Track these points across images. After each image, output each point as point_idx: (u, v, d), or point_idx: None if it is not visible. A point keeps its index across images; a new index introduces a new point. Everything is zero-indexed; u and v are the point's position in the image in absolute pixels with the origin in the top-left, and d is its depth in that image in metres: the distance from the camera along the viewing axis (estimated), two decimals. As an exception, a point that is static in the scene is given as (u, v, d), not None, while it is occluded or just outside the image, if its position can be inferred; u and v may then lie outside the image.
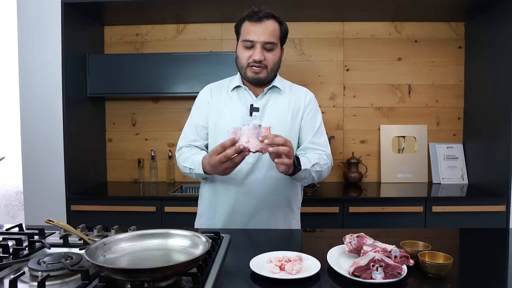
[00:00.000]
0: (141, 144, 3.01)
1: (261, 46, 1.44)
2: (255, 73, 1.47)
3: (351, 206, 2.36)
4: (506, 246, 1.34)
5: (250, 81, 1.51)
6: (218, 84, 1.64)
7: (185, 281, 0.92)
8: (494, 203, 2.37)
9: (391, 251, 1.01)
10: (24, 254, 1.08)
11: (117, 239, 1.00)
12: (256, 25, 1.43)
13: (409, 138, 2.91)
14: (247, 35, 1.45)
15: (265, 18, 1.43)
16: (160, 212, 2.41)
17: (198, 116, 1.59)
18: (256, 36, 1.43)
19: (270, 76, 1.51)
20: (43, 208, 2.52)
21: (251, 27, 1.44)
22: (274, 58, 1.48)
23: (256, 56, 1.44)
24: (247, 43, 1.45)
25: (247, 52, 1.46)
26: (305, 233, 1.53)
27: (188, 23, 2.95)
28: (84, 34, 2.71)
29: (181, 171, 1.54)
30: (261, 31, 1.43)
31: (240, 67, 1.52)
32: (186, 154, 1.52)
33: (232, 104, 1.54)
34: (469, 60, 2.85)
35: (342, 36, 2.92)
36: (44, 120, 2.52)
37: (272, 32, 1.45)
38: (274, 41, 1.46)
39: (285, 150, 1.23)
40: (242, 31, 1.48)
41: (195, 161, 1.44)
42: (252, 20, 1.44)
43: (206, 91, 1.62)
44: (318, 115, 1.60)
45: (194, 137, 1.57)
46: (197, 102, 1.62)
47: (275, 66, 1.50)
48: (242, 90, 1.56)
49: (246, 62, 1.47)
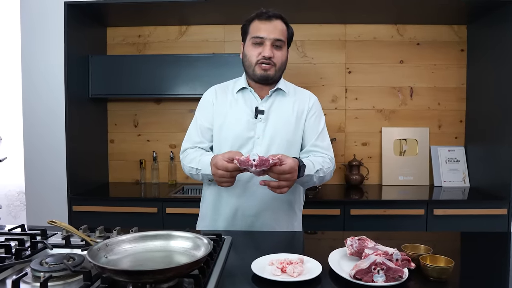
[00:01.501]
0: (143, 145, 3.02)
1: (271, 44, 1.46)
2: (264, 70, 1.47)
3: (353, 209, 2.35)
4: (507, 250, 1.34)
5: (258, 79, 1.51)
6: (223, 85, 1.64)
7: (187, 282, 0.92)
8: (496, 206, 2.36)
9: (393, 254, 1.01)
10: (26, 255, 1.09)
11: (119, 241, 1.00)
12: (266, 23, 1.47)
13: (410, 141, 2.91)
14: (257, 32, 1.47)
15: (274, 18, 1.48)
16: (161, 213, 2.41)
17: (203, 118, 1.58)
18: (266, 33, 1.45)
19: (277, 75, 1.52)
20: (45, 209, 2.52)
21: (261, 25, 1.47)
22: (282, 57, 1.50)
23: (266, 52, 1.45)
24: (256, 40, 1.47)
25: (256, 49, 1.48)
26: (306, 236, 1.53)
27: (191, 25, 2.96)
28: (87, 35, 2.72)
29: (186, 173, 1.53)
30: (271, 28, 1.46)
31: (248, 66, 1.52)
32: (192, 155, 1.51)
33: (237, 106, 1.54)
34: (471, 63, 2.84)
35: (344, 39, 2.92)
36: (46, 121, 2.53)
37: (281, 31, 1.48)
38: (283, 39, 1.48)
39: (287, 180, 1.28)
40: (251, 29, 1.50)
41: (202, 162, 1.43)
42: (261, 18, 1.48)
43: (211, 92, 1.61)
44: (321, 118, 1.60)
45: (199, 139, 1.56)
46: (201, 103, 1.62)
47: (283, 65, 1.52)
48: (247, 92, 1.56)
49: (256, 59, 1.48)
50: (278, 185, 1.27)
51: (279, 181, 1.27)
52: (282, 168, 1.25)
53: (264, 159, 1.22)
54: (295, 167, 1.28)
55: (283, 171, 1.25)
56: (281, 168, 1.25)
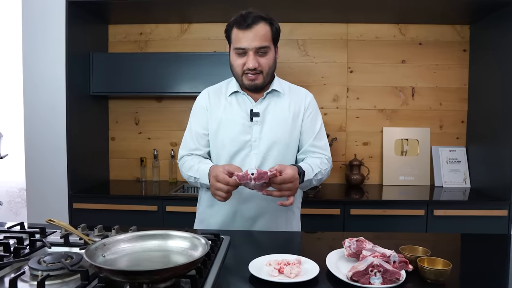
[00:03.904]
0: (143, 143, 3.02)
1: (254, 53, 1.39)
2: (251, 80, 1.43)
3: (353, 208, 2.35)
4: (507, 253, 1.33)
5: (247, 89, 1.49)
6: (216, 88, 1.60)
7: (184, 282, 0.93)
8: (496, 207, 2.36)
9: (390, 256, 1.01)
10: (25, 253, 1.09)
11: (117, 240, 1.01)
12: (246, 32, 1.38)
13: (412, 141, 2.90)
14: (237, 43, 1.40)
15: (253, 24, 1.38)
16: (161, 211, 2.41)
17: (197, 124, 1.55)
18: (247, 43, 1.38)
19: (267, 81, 1.48)
20: (45, 206, 2.53)
21: (241, 35, 1.39)
22: (268, 62, 1.44)
23: (250, 64, 1.39)
24: (239, 51, 1.41)
25: (240, 59, 1.42)
26: (305, 236, 1.53)
27: (192, 23, 2.95)
28: (88, 32, 2.72)
29: (186, 180, 1.53)
30: (251, 37, 1.38)
31: (235, 75, 1.48)
32: (190, 163, 1.49)
33: (232, 110, 1.51)
34: (474, 63, 2.83)
35: (346, 38, 2.91)
36: (47, 118, 2.53)
37: (263, 36, 1.39)
38: (267, 45, 1.41)
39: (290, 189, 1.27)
40: (233, 38, 1.43)
41: (201, 171, 1.42)
42: (241, 28, 1.39)
43: (204, 96, 1.57)
44: (318, 117, 1.58)
45: (195, 146, 1.54)
46: (195, 109, 1.59)
47: (271, 69, 1.47)
48: (240, 95, 1.53)
49: (241, 70, 1.43)
50: (281, 195, 1.27)
51: (282, 191, 1.26)
52: (283, 177, 1.24)
53: (262, 172, 1.20)
54: (295, 175, 1.27)
55: (283, 180, 1.24)
56: (282, 178, 1.24)
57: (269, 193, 1.26)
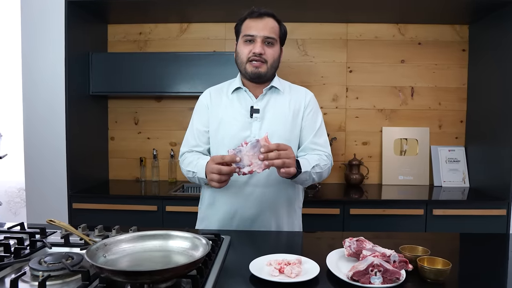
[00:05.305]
0: (143, 143, 3.02)
1: (262, 41, 1.46)
2: (256, 67, 1.47)
3: (352, 208, 2.36)
4: (506, 252, 1.33)
5: (250, 77, 1.51)
6: (218, 88, 1.64)
7: (185, 282, 0.93)
8: (495, 207, 2.37)
9: (390, 255, 1.02)
10: (25, 254, 1.09)
11: (118, 240, 1.01)
12: (257, 21, 1.47)
13: (411, 141, 2.90)
14: (247, 30, 1.48)
15: (265, 15, 1.48)
16: (161, 211, 2.41)
17: (198, 122, 1.59)
18: (256, 31, 1.46)
19: (270, 73, 1.51)
20: (45, 206, 2.53)
21: (252, 23, 1.48)
22: (274, 54, 1.50)
23: (256, 49, 1.46)
24: (247, 37, 1.47)
25: (247, 47, 1.48)
26: (305, 235, 1.54)
27: (192, 23, 2.95)
28: (88, 32, 2.72)
29: (185, 176, 1.54)
30: (261, 26, 1.46)
31: (240, 63, 1.53)
32: (189, 159, 1.53)
33: (232, 107, 1.54)
34: (473, 63, 2.84)
35: (346, 38, 2.92)
36: (46, 118, 2.53)
37: (272, 28, 1.48)
38: (274, 37, 1.48)
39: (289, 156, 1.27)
40: (243, 28, 1.51)
41: (198, 165, 1.44)
42: (252, 16, 1.48)
43: (206, 95, 1.62)
44: (318, 114, 1.60)
45: (195, 143, 1.58)
46: (197, 107, 1.63)
47: (275, 62, 1.51)
48: (242, 92, 1.56)
49: (246, 57, 1.48)
50: (282, 163, 1.25)
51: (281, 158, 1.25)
52: (276, 143, 1.27)
53: (254, 142, 1.25)
54: (291, 150, 1.30)
55: (278, 145, 1.26)
56: (275, 143, 1.26)
57: (271, 163, 1.25)
